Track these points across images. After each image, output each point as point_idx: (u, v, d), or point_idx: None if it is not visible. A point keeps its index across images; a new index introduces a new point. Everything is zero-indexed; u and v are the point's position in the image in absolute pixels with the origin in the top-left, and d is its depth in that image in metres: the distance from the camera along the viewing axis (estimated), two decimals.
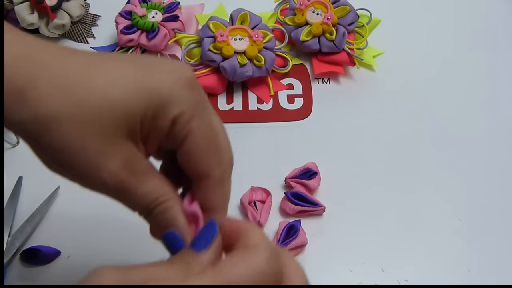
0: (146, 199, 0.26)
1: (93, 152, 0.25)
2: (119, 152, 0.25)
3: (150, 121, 0.26)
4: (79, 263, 0.42)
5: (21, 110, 0.24)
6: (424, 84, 0.54)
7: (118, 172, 0.25)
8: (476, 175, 0.48)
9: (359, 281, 0.42)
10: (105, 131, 0.25)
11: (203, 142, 0.27)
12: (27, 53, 0.24)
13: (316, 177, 0.46)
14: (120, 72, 0.25)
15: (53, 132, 0.24)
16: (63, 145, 0.24)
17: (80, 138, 0.24)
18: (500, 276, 0.42)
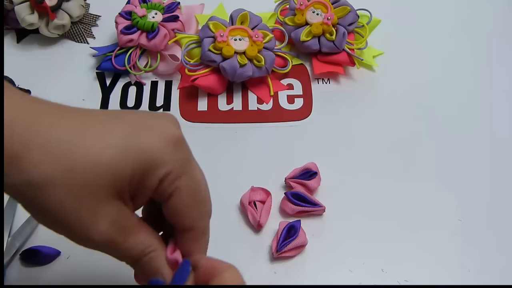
0: (133, 252, 0.28)
1: (84, 214, 0.26)
2: (108, 212, 0.27)
3: (138, 180, 0.27)
4: (79, 263, 0.42)
5: (15, 174, 0.25)
6: (424, 84, 0.54)
7: (107, 231, 0.27)
8: (476, 175, 0.48)
9: (359, 281, 0.42)
10: (94, 194, 0.26)
11: (188, 199, 0.29)
12: (21, 117, 0.25)
13: (316, 177, 0.46)
14: (109, 135, 0.27)
15: (45, 195, 0.25)
16: (55, 208, 0.26)
17: (71, 202, 0.26)
18: (500, 276, 0.42)
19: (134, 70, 0.53)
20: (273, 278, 0.41)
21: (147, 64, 0.53)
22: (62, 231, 0.27)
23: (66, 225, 0.27)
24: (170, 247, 0.30)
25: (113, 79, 0.54)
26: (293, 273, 0.42)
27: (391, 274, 0.42)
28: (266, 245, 0.43)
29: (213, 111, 0.51)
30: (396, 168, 0.48)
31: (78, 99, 0.52)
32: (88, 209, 0.26)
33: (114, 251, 0.28)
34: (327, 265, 0.42)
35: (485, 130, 0.51)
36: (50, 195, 0.25)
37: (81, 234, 0.27)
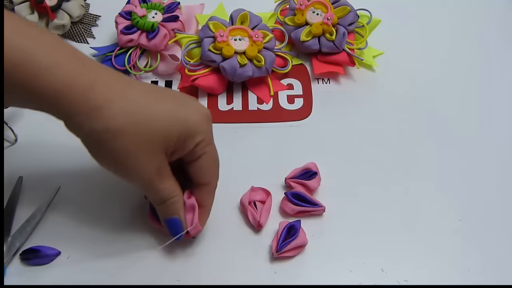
0: (163, 193, 0.38)
1: (140, 157, 0.35)
2: (156, 161, 0.36)
3: (180, 142, 0.36)
4: (79, 263, 0.42)
5: (97, 121, 0.33)
6: (424, 84, 0.54)
7: (152, 173, 0.36)
8: (477, 175, 0.48)
9: (359, 281, 0.42)
10: (151, 145, 0.35)
11: (211, 161, 0.39)
12: (101, 78, 0.34)
13: (316, 177, 0.46)
14: (165, 104, 0.36)
15: (117, 140, 0.34)
16: (122, 150, 0.35)
17: (134, 147, 0.35)
18: (500, 276, 0.42)
19: (134, 70, 0.53)
20: (273, 278, 0.41)
21: (147, 64, 0.53)
22: (120, 170, 0.36)
23: (125, 163, 0.35)
24: (187, 194, 0.40)
25: None
26: (293, 273, 0.42)
27: (391, 274, 0.42)
28: (266, 245, 0.43)
29: (213, 111, 0.51)
30: (396, 168, 0.48)
31: None
32: (144, 154, 0.35)
33: (150, 190, 0.38)
34: (327, 265, 0.42)
35: (485, 130, 0.51)
36: (120, 140, 0.34)
37: (135, 172, 0.36)
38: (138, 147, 0.35)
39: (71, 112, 0.33)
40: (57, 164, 0.47)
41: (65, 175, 0.46)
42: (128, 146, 0.34)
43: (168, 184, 0.38)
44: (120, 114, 0.34)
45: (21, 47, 0.32)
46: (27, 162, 0.47)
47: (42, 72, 0.32)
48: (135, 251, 0.42)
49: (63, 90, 0.33)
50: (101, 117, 0.33)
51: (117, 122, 0.34)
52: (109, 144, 0.34)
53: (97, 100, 0.33)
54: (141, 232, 0.43)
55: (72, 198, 0.45)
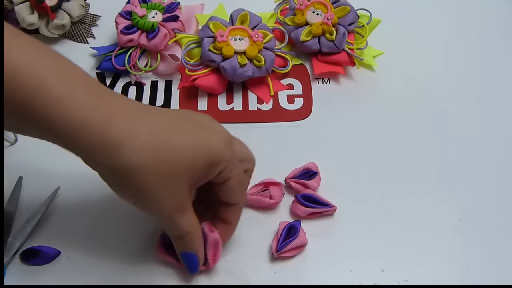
0: (183, 229, 0.37)
1: (163, 194, 0.34)
2: (179, 196, 0.35)
3: (204, 172, 0.35)
4: (79, 263, 0.42)
5: (116, 158, 0.32)
6: (424, 84, 0.54)
7: (174, 209, 0.36)
8: (476, 175, 0.48)
9: (359, 281, 0.42)
10: (173, 181, 0.34)
11: (237, 184, 0.38)
12: (120, 112, 0.33)
13: (316, 177, 0.46)
14: (187, 134, 0.35)
15: (137, 178, 0.33)
16: (143, 187, 0.33)
17: (155, 184, 0.33)
18: (500, 276, 0.42)
19: (134, 70, 0.53)
20: (273, 278, 0.41)
21: (147, 64, 0.53)
22: (139, 203, 0.35)
23: (145, 199, 0.34)
24: (208, 227, 0.39)
25: (113, 79, 0.54)
26: (293, 273, 0.42)
27: (391, 274, 0.42)
28: (266, 245, 0.43)
29: (213, 111, 0.51)
30: (396, 168, 0.48)
31: None
32: (166, 190, 0.34)
33: (170, 224, 0.37)
34: (327, 265, 0.42)
35: (485, 129, 0.51)
36: (141, 177, 0.33)
37: (154, 207, 0.35)
38: (160, 183, 0.33)
39: (87, 149, 0.32)
40: (57, 164, 0.47)
41: (65, 175, 0.46)
42: (149, 183, 0.33)
43: (188, 219, 0.37)
44: (140, 151, 0.32)
45: (34, 74, 0.31)
46: (27, 162, 0.47)
47: (56, 103, 0.31)
48: (135, 251, 0.42)
49: (78, 125, 0.31)
50: (120, 155, 0.32)
51: (138, 159, 0.32)
52: (129, 180, 0.33)
53: (116, 137, 0.32)
54: (141, 232, 0.43)
55: (72, 198, 0.45)
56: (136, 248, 0.42)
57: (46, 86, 0.30)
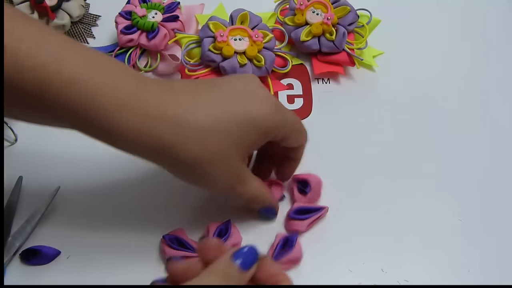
0: (249, 196, 0.40)
1: (220, 178, 0.37)
2: (235, 172, 0.37)
3: (257, 143, 0.37)
4: (79, 263, 0.42)
5: (172, 159, 0.35)
6: (424, 84, 0.54)
7: (233, 184, 0.38)
8: (476, 175, 0.48)
9: (359, 281, 0.42)
10: (228, 161, 0.36)
11: (295, 136, 0.40)
12: (169, 113, 0.34)
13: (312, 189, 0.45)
14: (232, 110, 0.36)
15: (193, 170, 0.36)
16: (200, 173, 0.36)
17: (211, 171, 0.36)
18: (500, 276, 0.42)
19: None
20: None
21: (147, 64, 0.53)
22: (202, 187, 0.40)
23: (206, 184, 0.38)
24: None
25: None
26: (293, 273, 0.42)
27: (391, 274, 0.42)
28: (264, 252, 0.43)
29: None
30: (396, 168, 0.48)
31: None
32: (222, 172, 0.36)
33: (236, 196, 0.40)
34: (327, 265, 0.42)
35: (485, 130, 0.51)
36: (196, 169, 0.35)
37: (215, 189, 0.39)
38: (215, 168, 0.36)
39: (146, 151, 0.35)
40: (57, 164, 0.47)
41: (65, 175, 0.46)
42: (206, 173, 0.36)
43: (250, 186, 0.39)
44: (191, 147, 0.34)
45: (65, 69, 0.31)
46: (27, 162, 0.47)
47: (116, 108, 0.33)
48: (135, 251, 0.42)
49: (135, 128, 0.33)
50: (174, 154, 0.34)
51: (191, 155, 0.35)
52: (187, 173, 0.37)
53: (165, 138, 0.34)
54: (141, 231, 0.43)
55: (72, 198, 0.45)
56: (136, 248, 0.42)
57: (101, 94, 0.32)
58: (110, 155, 0.47)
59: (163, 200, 0.45)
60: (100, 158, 0.47)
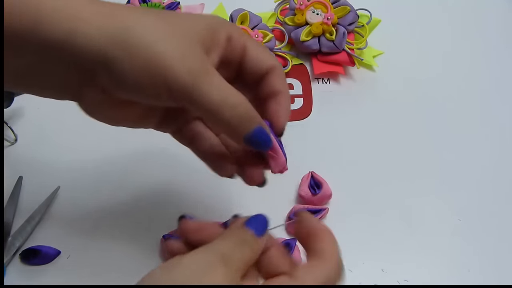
0: (217, 98, 0.29)
1: (176, 56, 0.28)
2: (194, 57, 0.29)
3: (209, 37, 0.31)
4: (79, 263, 0.42)
5: (127, 41, 0.28)
6: (424, 83, 0.54)
7: (197, 73, 0.29)
8: (476, 175, 0.48)
9: (359, 281, 0.42)
10: (183, 42, 0.29)
11: (258, 48, 0.34)
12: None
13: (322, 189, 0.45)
14: (184, 16, 0.32)
15: (155, 46, 0.28)
16: (154, 57, 0.28)
17: (167, 50, 0.28)
18: (500, 276, 0.42)
19: None
20: None
21: None
22: (160, 87, 0.29)
23: (165, 64, 0.28)
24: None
25: None
26: None
27: (391, 274, 0.42)
28: None
29: None
30: (396, 168, 0.48)
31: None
32: (185, 51, 0.29)
33: (203, 94, 0.29)
34: None
35: (485, 129, 0.51)
36: (160, 45, 0.28)
37: (173, 75, 0.28)
38: (178, 46, 0.29)
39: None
40: (57, 164, 0.47)
41: (65, 175, 0.46)
42: (166, 47, 0.29)
43: (218, 82, 0.29)
44: (153, 25, 0.29)
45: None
46: (27, 162, 0.47)
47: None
48: (135, 251, 0.42)
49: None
50: (133, 31, 0.28)
51: (154, 32, 0.29)
52: (140, 54, 0.28)
53: (127, 21, 0.29)
54: (141, 231, 0.43)
55: (72, 198, 0.45)
56: (136, 247, 0.42)
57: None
58: (110, 155, 0.48)
59: (163, 200, 0.45)
60: (100, 158, 0.47)
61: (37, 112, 0.50)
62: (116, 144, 0.48)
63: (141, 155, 0.48)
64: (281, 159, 0.33)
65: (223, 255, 0.26)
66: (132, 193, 0.45)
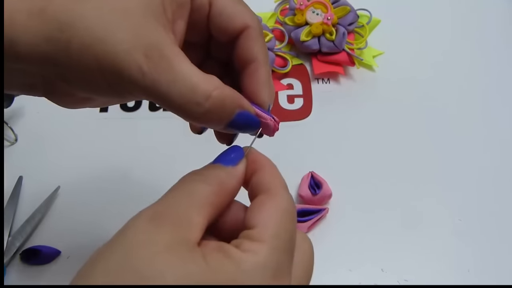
0: (191, 81, 0.24)
1: (122, 49, 0.23)
2: (146, 36, 0.24)
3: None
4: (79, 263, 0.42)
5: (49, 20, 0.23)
6: (424, 83, 0.54)
7: (142, 59, 0.23)
8: (477, 175, 0.48)
9: (359, 281, 0.42)
10: (127, 11, 0.24)
11: (228, 1, 0.28)
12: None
13: (322, 188, 0.45)
14: None
15: (78, 29, 0.23)
16: (96, 30, 0.23)
17: (103, 29, 0.23)
18: (500, 276, 0.42)
19: None
20: None
21: None
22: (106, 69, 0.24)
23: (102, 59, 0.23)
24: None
25: None
26: None
27: (391, 274, 0.42)
28: None
29: None
30: (395, 168, 0.48)
31: None
32: (122, 30, 0.23)
33: (152, 86, 0.23)
34: (327, 265, 0.42)
35: (485, 130, 0.51)
36: (81, 28, 0.23)
37: (117, 68, 0.23)
38: (109, 26, 0.23)
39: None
40: (57, 164, 0.47)
41: (65, 175, 0.46)
42: (104, 25, 0.24)
43: (189, 71, 0.24)
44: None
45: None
46: (27, 162, 0.47)
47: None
48: None
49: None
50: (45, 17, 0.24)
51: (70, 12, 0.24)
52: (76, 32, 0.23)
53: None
54: None
55: (72, 198, 0.45)
56: None
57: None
58: (110, 155, 0.48)
59: None
60: (100, 158, 0.47)
61: (37, 112, 0.50)
62: (116, 144, 0.48)
63: (141, 155, 0.48)
64: (272, 125, 0.30)
65: (186, 191, 0.23)
66: (132, 193, 0.45)
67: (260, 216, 0.23)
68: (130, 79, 0.23)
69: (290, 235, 0.23)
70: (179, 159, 0.46)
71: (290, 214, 0.24)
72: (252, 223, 0.23)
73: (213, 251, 0.22)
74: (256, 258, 0.22)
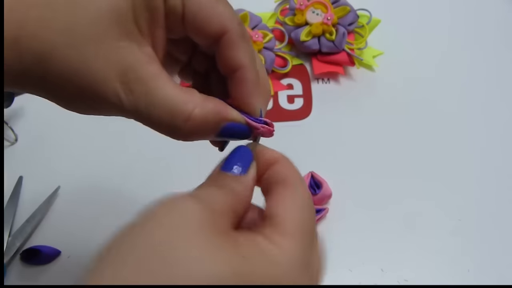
0: (172, 100, 0.23)
1: (93, 66, 0.23)
2: (118, 58, 0.23)
3: (140, 6, 0.24)
4: (79, 263, 0.42)
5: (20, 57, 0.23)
6: (424, 83, 0.54)
7: (117, 84, 0.23)
8: (477, 175, 0.48)
9: (359, 281, 0.42)
10: (98, 36, 0.23)
11: (204, 2, 0.25)
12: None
13: (322, 188, 0.45)
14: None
15: (53, 62, 0.23)
16: (65, 70, 0.23)
17: (77, 59, 0.23)
18: (500, 276, 0.42)
19: None
20: None
21: None
22: (83, 101, 0.24)
23: (79, 85, 0.23)
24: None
25: None
26: None
27: (391, 274, 0.42)
28: None
29: None
30: (396, 168, 0.48)
31: None
32: (96, 59, 0.23)
33: (133, 109, 0.23)
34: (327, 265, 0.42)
35: (486, 129, 0.51)
36: (56, 60, 0.23)
37: (96, 96, 0.23)
38: (82, 55, 0.23)
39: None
40: (57, 164, 0.47)
41: (65, 175, 0.46)
42: (68, 62, 0.23)
43: (165, 90, 0.23)
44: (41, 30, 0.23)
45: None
46: (27, 162, 0.47)
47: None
48: None
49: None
50: (22, 48, 0.23)
51: (40, 42, 0.23)
52: (49, 71, 0.23)
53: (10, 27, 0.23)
54: None
55: (72, 198, 0.45)
56: None
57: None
58: (110, 155, 0.48)
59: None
60: (100, 158, 0.47)
61: (37, 112, 0.50)
62: (116, 144, 0.48)
63: (141, 155, 0.48)
64: (267, 131, 0.30)
65: (201, 199, 0.22)
66: (132, 193, 0.45)
67: (284, 208, 0.23)
68: (111, 106, 0.23)
69: (313, 227, 0.24)
70: (179, 159, 0.46)
71: (311, 206, 0.24)
72: (276, 214, 0.23)
73: (245, 241, 0.21)
74: (290, 253, 0.22)
